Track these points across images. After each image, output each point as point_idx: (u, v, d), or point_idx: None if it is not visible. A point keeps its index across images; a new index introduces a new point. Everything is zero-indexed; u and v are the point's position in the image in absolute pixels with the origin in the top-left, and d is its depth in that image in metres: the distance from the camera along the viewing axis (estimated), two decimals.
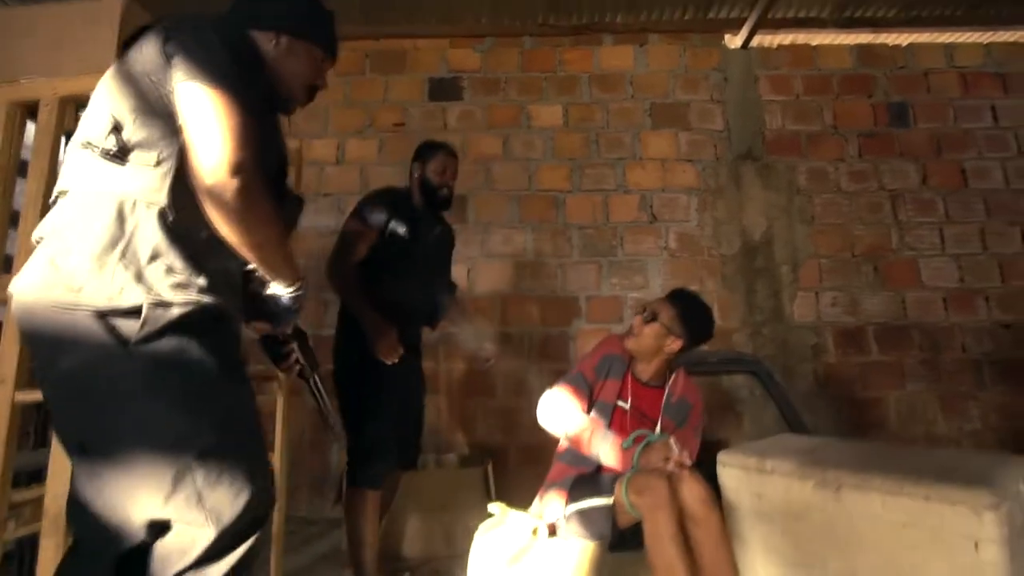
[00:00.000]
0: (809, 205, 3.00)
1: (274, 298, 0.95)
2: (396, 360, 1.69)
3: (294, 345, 1.05)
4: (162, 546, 0.75)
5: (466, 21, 3.15)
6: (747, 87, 3.15)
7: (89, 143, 0.82)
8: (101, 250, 0.77)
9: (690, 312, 1.56)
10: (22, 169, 1.14)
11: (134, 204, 0.80)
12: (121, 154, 0.80)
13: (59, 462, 1.10)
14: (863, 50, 3.18)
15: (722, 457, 1.75)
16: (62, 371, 0.77)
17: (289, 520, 2.61)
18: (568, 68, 3.16)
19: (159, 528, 0.76)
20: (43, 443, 1.83)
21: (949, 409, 2.76)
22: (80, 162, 0.82)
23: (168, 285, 0.79)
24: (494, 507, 1.59)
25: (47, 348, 0.79)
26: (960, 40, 3.20)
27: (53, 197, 0.86)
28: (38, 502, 1.15)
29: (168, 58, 0.81)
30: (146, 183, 0.81)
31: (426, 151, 1.93)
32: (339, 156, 3.11)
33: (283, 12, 0.99)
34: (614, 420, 1.52)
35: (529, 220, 3.00)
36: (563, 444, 1.54)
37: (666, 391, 1.59)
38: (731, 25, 3.16)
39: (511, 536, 1.42)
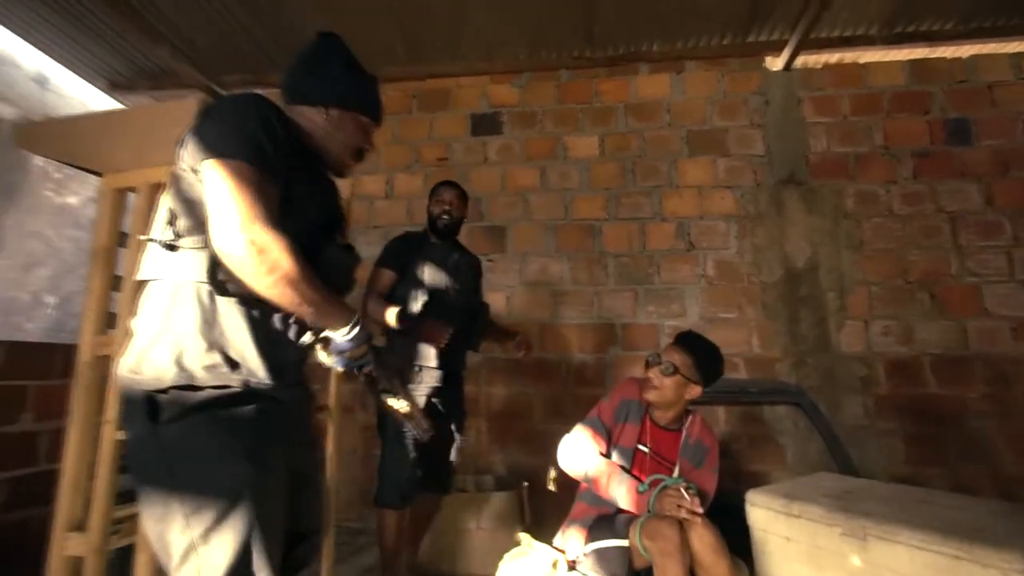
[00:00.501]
0: (857, 230, 2.89)
1: (331, 342, 0.94)
2: (445, 340, 1.84)
3: (371, 373, 1.03)
4: None
5: (504, 57, 3.29)
6: (789, 109, 3.09)
7: (151, 238, 0.92)
8: (156, 333, 0.87)
9: (706, 357, 1.60)
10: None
11: (182, 288, 0.88)
12: (175, 242, 0.89)
13: None
14: (917, 65, 3.04)
15: (751, 496, 1.75)
16: (127, 440, 0.91)
17: (339, 532, 2.82)
18: (604, 99, 3.23)
19: None
20: None
21: (1019, 449, 2.56)
22: (148, 255, 0.93)
23: (201, 366, 0.85)
24: (522, 537, 1.68)
25: (122, 418, 0.93)
26: None
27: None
28: (134, 518, 1.37)
29: (186, 144, 0.91)
30: (195, 266, 0.88)
31: (431, 191, 2.18)
32: (388, 191, 3.33)
33: (329, 88, 1.07)
34: (635, 463, 1.57)
35: (565, 249, 3.09)
36: (584, 484, 1.61)
37: (683, 434, 1.63)
38: (772, 47, 3.11)
39: (534, 567, 1.51)
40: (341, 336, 0.91)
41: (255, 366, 0.90)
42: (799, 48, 2.98)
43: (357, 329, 0.91)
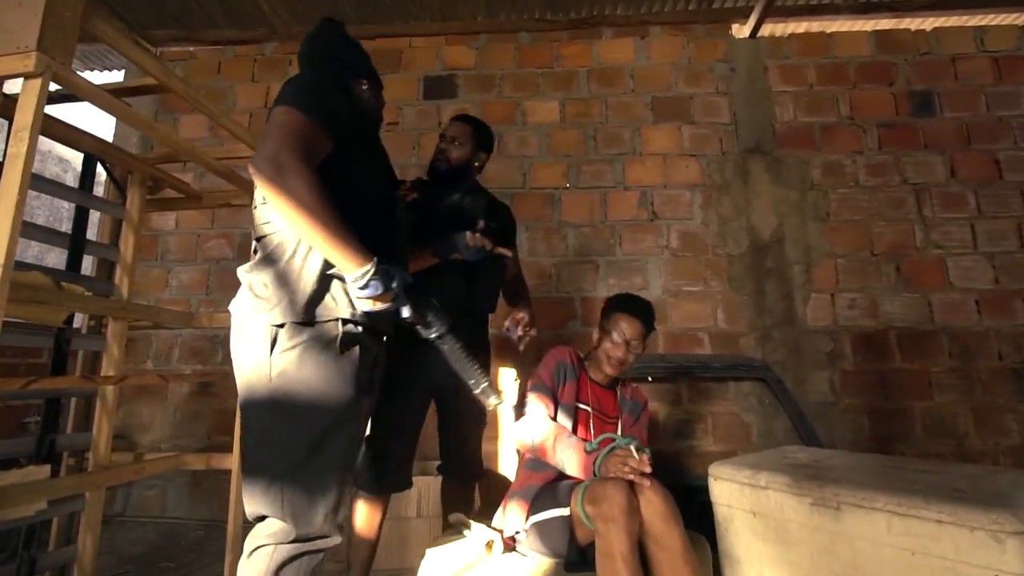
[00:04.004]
0: (824, 201, 2.79)
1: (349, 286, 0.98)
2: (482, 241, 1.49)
3: (415, 319, 1.05)
4: (256, 528, 0.97)
5: (462, 18, 3.10)
6: (755, 78, 2.98)
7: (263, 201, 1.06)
8: (278, 278, 1.00)
9: (653, 321, 1.54)
10: None
11: (298, 241, 1.01)
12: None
13: None
14: (883, 36, 2.97)
15: (713, 469, 1.60)
16: (238, 372, 1.02)
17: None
18: (565, 63, 3.06)
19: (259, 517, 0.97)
20: None
21: (983, 423, 2.49)
22: (259, 213, 1.07)
23: (308, 308, 0.98)
24: (454, 518, 1.47)
25: (234, 355, 1.03)
26: (992, 23, 2.96)
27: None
28: None
29: None
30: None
31: None
32: None
33: (354, 57, 1.24)
34: (579, 421, 1.41)
35: (523, 219, 2.88)
36: (527, 452, 1.42)
37: (618, 391, 1.54)
38: (738, 14, 3.01)
39: (464, 551, 1.30)
40: (352, 280, 0.95)
41: (357, 312, 1.01)
42: (765, 15, 2.88)
43: (369, 276, 0.94)
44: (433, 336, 1.07)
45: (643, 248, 2.80)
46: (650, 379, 2.46)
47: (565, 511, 1.17)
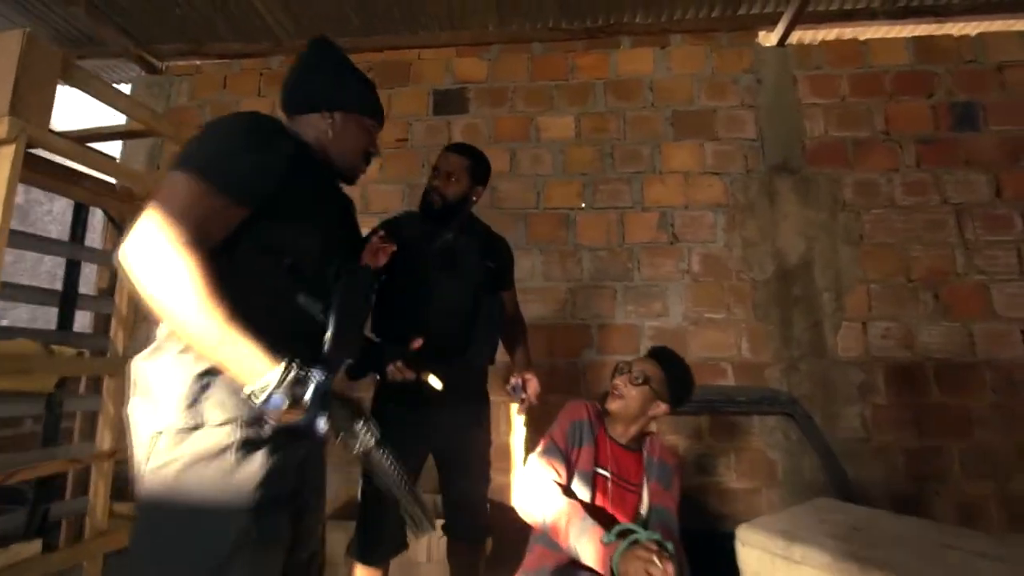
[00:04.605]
0: (856, 223, 2.63)
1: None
2: (402, 372, 1.30)
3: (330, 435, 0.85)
4: None
5: (472, 28, 2.97)
6: (783, 90, 2.81)
7: None
8: (164, 371, 0.86)
9: (679, 375, 1.41)
10: None
11: None
12: None
13: None
14: (922, 43, 2.78)
15: (742, 533, 1.49)
16: None
17: None
18: (581, 75, 2.92)
19: None
20: None
21: None
22: None
23: (192, 407, 0.82)
24: None
25: None
26: None
27: None
28: None
29: None
30: None
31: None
32: None
33: (331, 93, 1.06)
34: (597, 489, 1.31)
35: (536, 241, 2.78)
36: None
37: (644, 453, 1.41)
38: (765, 21, 2.83)
39: None
40: (247, 394, 0.76)
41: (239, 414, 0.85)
42: (794, 22, 2.70)
43: (270, 390, 0.75)
44: (358, 451, 0.86)
45: (663, 273, 2.67)
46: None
47: None
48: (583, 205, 2.79)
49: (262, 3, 2.80)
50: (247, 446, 0.83)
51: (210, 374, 0.83)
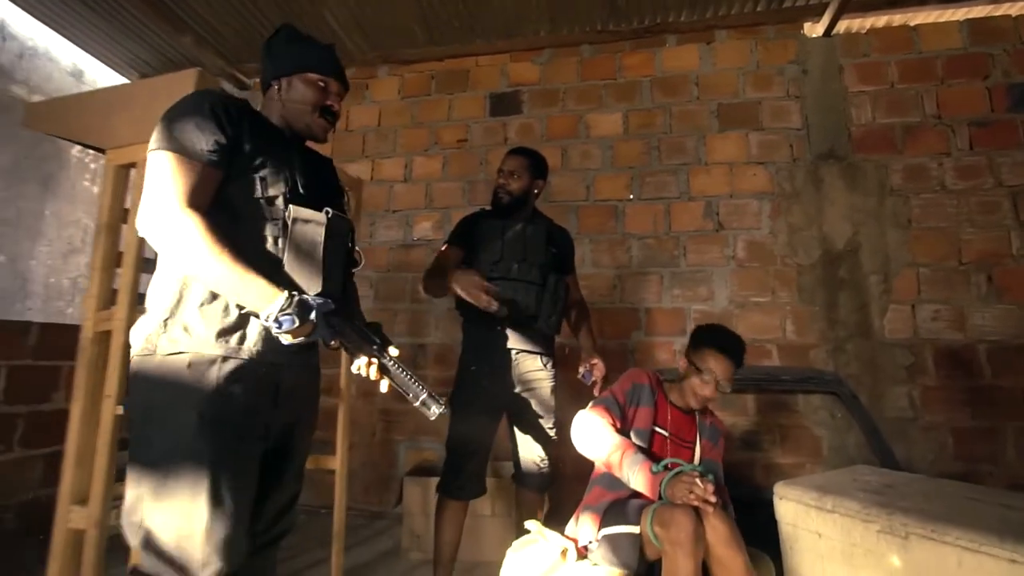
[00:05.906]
0: (905, 207, 2.67)
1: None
2: (485, 300, 1.60)
3: (340, 344, 1.02)
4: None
5: (524, 34, 3.19)
6: (830, 79, 2.87)
7: None
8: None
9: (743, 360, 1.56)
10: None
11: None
12: None
13: None
14: (977, 25, 2.76)
15: (780, 489, 1.64)
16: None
17: (357, 514, 2.83)
18: (628, 74, 3.09)
19: None
20: None
21: None
22: None
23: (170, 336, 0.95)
24: (531, 524, 1.62)
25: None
26: None
27: None
28: None
29: None
30: None
31: None
32: (406, 174, 3.29)
33: (272, 64, 1.14)
34: (654, 444, 1.50)
35: (587, 231, 2.98)
36: (599, 467, 1.53)
37: (696, 416, 1.59)
38: (810, 12, 2.90)
39: (541, 556, 1.44)
40: (264, 318, 0.92)
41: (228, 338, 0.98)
42: (841, 11, 2.76)
43: (282, 311, 0.91)
44: (369, 355, 1.03)
45: (708, 259, 2.80)
46: None
47: (635, 528, 1.28)
48: (631, 197, 2.96)
49: (336, 20, 3.14)
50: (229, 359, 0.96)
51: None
